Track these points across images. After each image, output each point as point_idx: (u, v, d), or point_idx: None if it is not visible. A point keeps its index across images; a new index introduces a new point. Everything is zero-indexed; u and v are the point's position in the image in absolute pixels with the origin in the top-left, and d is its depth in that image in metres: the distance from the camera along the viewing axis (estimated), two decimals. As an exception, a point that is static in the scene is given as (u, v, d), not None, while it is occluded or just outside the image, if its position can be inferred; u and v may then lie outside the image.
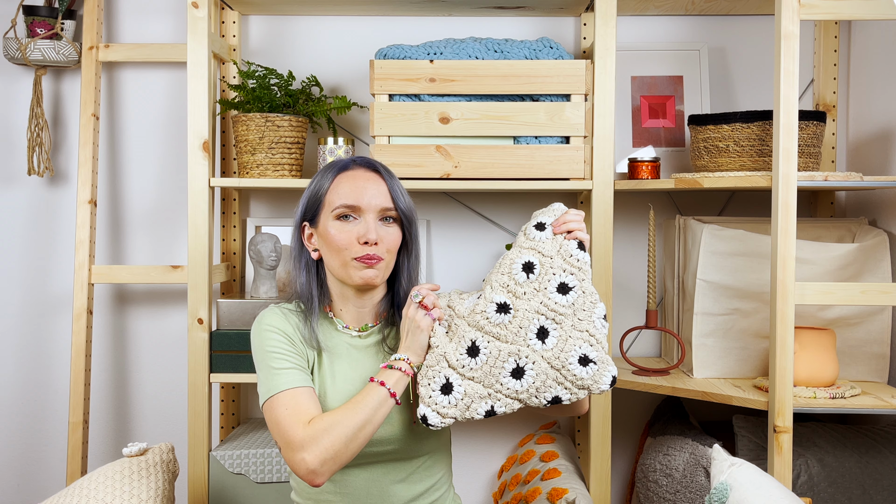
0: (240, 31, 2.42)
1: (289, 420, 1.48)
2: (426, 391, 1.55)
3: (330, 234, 1.58)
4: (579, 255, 1.57)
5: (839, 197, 2.40)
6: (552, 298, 1.55)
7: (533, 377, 1.54)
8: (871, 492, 1.95)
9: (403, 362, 1.54)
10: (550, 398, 1.55)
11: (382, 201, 1.59)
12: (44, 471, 2.50)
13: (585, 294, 1.56)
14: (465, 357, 1.55)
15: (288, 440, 1.46)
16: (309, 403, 1.51)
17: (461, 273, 2.47)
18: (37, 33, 2.36)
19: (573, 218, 1.59)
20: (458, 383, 1.55)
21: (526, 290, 1.56)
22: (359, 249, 1.56)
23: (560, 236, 1.59)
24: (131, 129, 2.48)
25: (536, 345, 1.55)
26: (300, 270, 1.64)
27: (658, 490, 2.08)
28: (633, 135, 2.40)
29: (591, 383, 1.54)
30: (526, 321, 1.55)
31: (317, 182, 1.62)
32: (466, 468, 2.48)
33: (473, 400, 1.55)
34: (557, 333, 1.55)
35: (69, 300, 2.48)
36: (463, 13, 2.41)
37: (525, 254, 1.58)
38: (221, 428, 2.41)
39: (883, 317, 2.12)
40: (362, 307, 1.64)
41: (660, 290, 2.42)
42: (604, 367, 1.54)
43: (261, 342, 1.58)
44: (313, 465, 1.44)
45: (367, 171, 1.61)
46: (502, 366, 1.54)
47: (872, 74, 2.27)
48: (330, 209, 1.58)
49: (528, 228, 1.62)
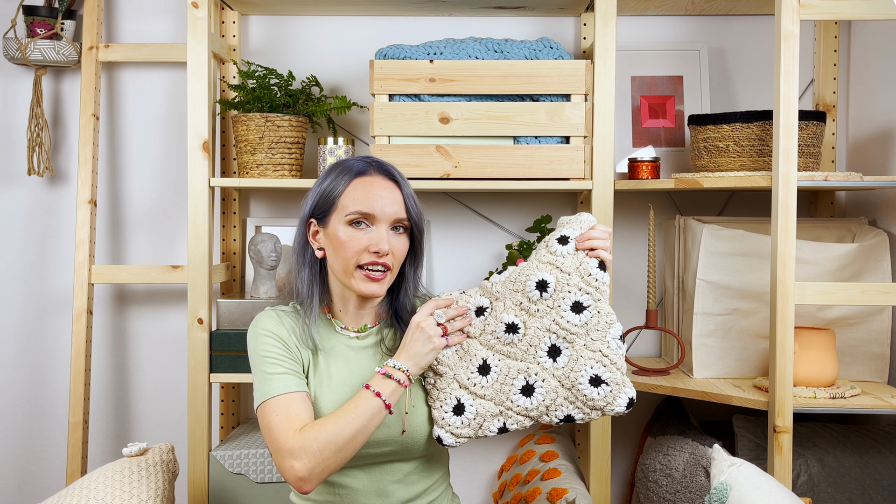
0: (240, 31, 2.42)
1: (280, 426, 1.48)
2: (439, 413, 1.56)
3: (340, 238, 1.57)
4: (598, 274, 1.54)
5: (839, 197, 2.40)
6: (565, 317, 1.53)
7: (543, 395, 1.53)
8: (871, 492, 1.95)
9: (402, 373, 1.52)
10: (563, 416, 1.54)
11: (396, 210, 1.58)
12: (44, 471, 2.50)
13: (601, 314, 1.53)
14: (477, 375, 1.55)
15: (278, 446, 1.47)
16: (300, 409, 1.51)
17: (461, 273, 2.47)
18: (37, 33, 2.36)
19: (599, 235, 1.56)
20: (469, 403, 1.55)
21: (539, 307, 1.54)
22: (366, 256, 1.56)
23: (582, 252, 1.55)
24: (131, 129, 2.48)
25: (547, 362, 1.54)
26: (302, 266, 1.63)
27: (658, 490, 2.08)
28: (633, 135, 2.40)
29: (603, 405, 1.53)
30: (536, 339, 1.54)
31: (331, 181, 1.59)
32: (466, 468, 2.48)
33: (486, 418, 1.55)
34: (568, 352, 1.53)
35: (69, 300, 2.48)
36: (463, 13, 2.41)
37: (542, 269, 1.55)
38: (221, 428, 2.41)
39: (883, 317, 2.12)
40: (363, 309, 1.64)
41: (660, 290, 2.42)
42: (618, 389, 1.52)
43: (255, 346, 1.58)
44: (302, 473, 1.45)
45: (384, 178, 1.60)
46: (512, 383, 1.54)
47: (872, 74, 2.27)
48: (343, 213, 1.57)
49: (551, 241, 1.58)
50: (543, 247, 1.59)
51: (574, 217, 1.61)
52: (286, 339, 1.58)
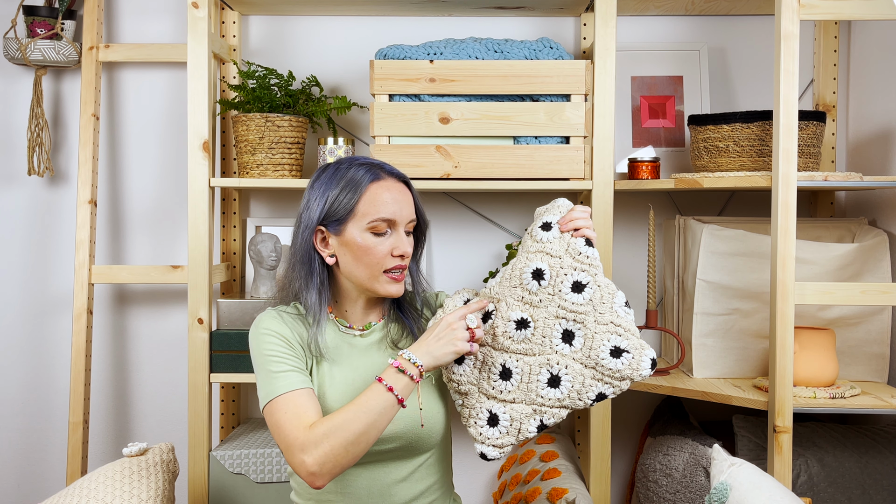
0: (240, 32, 2.42)
1: (290, 423, 1.48)
2: (475, 430, 1.56)
3: (361, 245, 1.56)
4: (588, 251, 1.56)
5: (839, 197, 2.40)
6: (568, 299, 1.54)
7: (570, 381, 1.53)
8: (871, 492, 1.95)
9: (415, 368, 1.49)
10: (595, 396, 1.54)
11: (410, 213, 1.61)
12: (44, 471, 2.50)
13: (601, 287, 1.54)
14: (500, 382, 1.55)
15: (289, 443, 1.46)
16: (308, 405, 1.51)
17: (461, 273, 2.47)
18: (37, 33, 2.36)
19: (579, 215, 1.58)
20: (501, 411, 1.55)
21: (541, 297, 1.55)
22: (391, 261, 1.57)
23: (567, 234, 1.57)
24: (131, 129, 2.48)
25: (564, 349, 1.54)
26: (309, 274, 1.60)
27: (658, 490, 2.08)
28: (633, 135, 2.40)
29: (630, 372, 1.53)
30: (548, 329, 1.54)
31: (342, 187, 1.57)
32: (466, 468, 2.47)
33: (522, 421, 1.55)
34: (582, 333, 1.54)
35: (69, 300, 2.48)
36: (463, 13, 2.41)
37: (533, 259, 1.56)
38: (221, 428, 2.41)
39: (883, 317, 2.12)
40: (372, 309, 1.66)
41: (660, 290, 2.42)
42: (639, 353, 1.53)
43: (258, 346, 1.58)
44: (313, 468, 1.44)
45: (398, 181, 1.61)
46: (537, 379, 1.54)
47: (872, 74, 2.27)
48: (364, 220, 1.56)
49: (534, 230, 1.60)
50: (528, 238, 1.61)
51: (550, 205, 1.63)
52: (289, 337, 1.58)
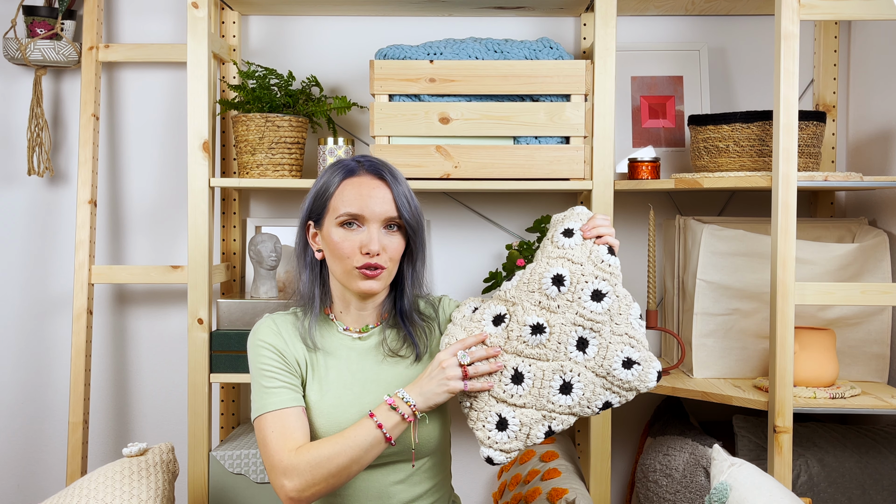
0: (240, 32, 2.42)
1: (276, 443, 1.49)
2: (483, 434, 1.55)
3: (333, 241, 1.57)
4: (610, 259, 1.55)
5: (839, 197, 2.40)
6: (587, 307, 1.53)
7: (582, 389, 1.53)
8: (871, 492, 1.95)
9: (408, 407, 1.50)
10: (601, 405, 1.54)
11: (386, 210, 1.56)
12: (44, 471, 2.50)
13: (620, 298, 1.54)
14: (511, 386, 1.54)
15: (272, 464, 1.48)
16: (296, 427, 1.52)
17: (461, 273, 2.47)
18: (37, 33, 2.36)
19: (602, 223, 1.57)
20: (510, 415, 1.54)
21: (559, 303, 1.53)
22: (360, 258, 1.55)
23: (589, 241, 1.56)
24: (131, 129, 2.48)
25: (578, 356, 1.53)
26: (303, 268, 1.64)
27: (658, 490, 2.08)
28: (633, 135, 2.40)
29: (637, 384, 1.53)
30: (564, 335, 1.53)
31: (324, 182, 1.60)
32: (466, 468, 2.47)
33: (531, 426, 1.54)
34: (597, 342, 1.53)
35: (69, 300, 2.48)
36: (463, 13, 2.41)
37: (554, 265, 1.55)
38: (221, 428, 2.41)
39: (883, 317, 2.12)
40: (364, 310, 1.64)
41: (660, 290, 2.42)
42: (648, 366, 1.53)
43: (253, 357, 1.60)
44: (292, 494, 1.47)
45: (373, 177, 1.58)
46: (549, 385, 1.53)
47: (872, 74, 2.27)
48: (334, 215, 1.57)
49: (556, 235, 1.58)
50: (549, 243, 1.59)
51: (568, 212, 1.62)
52: (283, 350, 1.59)
